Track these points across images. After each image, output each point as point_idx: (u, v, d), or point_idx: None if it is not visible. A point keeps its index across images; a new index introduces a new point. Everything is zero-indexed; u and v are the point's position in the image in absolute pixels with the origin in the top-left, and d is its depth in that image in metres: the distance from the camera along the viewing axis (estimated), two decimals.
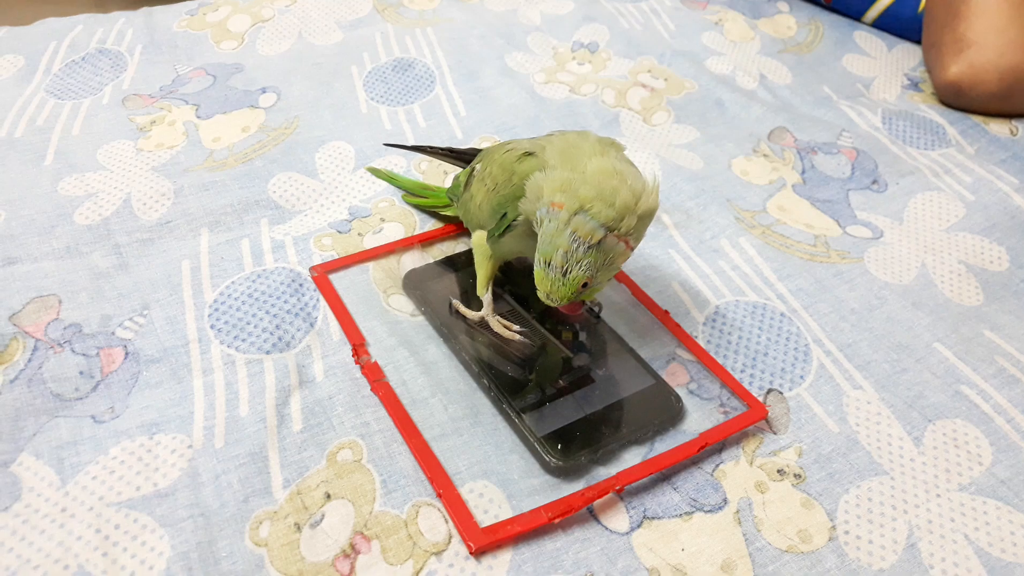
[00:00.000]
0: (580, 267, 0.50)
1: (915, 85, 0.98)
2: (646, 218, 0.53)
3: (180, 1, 1.06)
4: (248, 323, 0.61)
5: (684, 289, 0.67)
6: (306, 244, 0.68)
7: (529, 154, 0.56)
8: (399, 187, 0.74)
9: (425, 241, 0.69)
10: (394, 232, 0.70)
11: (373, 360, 0.58)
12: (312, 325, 0.61)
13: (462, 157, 0.70)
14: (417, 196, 0.72)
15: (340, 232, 0.69)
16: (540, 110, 0.87)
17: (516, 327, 0.59)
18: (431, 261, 0.67)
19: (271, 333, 0.60)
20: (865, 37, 1.06)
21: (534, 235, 0.53)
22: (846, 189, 0.79)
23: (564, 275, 0.50)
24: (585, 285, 0.51)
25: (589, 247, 0.50)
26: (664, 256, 0.70)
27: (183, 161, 0.76)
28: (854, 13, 1.10)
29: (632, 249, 0.53)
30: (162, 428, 0.53)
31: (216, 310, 0.62)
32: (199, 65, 0.91)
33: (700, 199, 0.76)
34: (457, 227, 0.70)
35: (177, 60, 0.92)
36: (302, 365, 0.58)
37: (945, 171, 0.83)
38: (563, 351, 0.59)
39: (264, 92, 0.86)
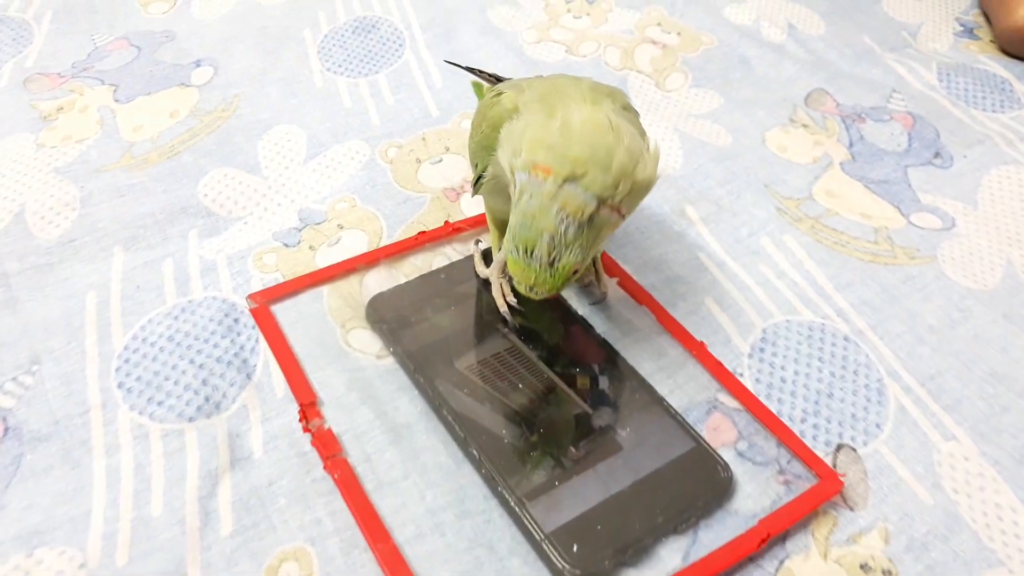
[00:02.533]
0: (570, 253, 0.41)
1: (970, 32, 0.83)
2: (642, 189, 0.43)
3: None
4: (167, 378, 0.47)
5: (721, 308, 0.53)
6: (244, 264, 0.54)
7: (500, 94, 0.47)
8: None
9: (394, 255, 0.55)
10: (355, 243, 0.56)
11: (327, 426, 0.45)
12: (249, 377, 0.48)
13: None
14: None
15: (287, 246, 0.55)
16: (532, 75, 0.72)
17: (511, 301, 0.49)
18: (402, 281, 0.53)
19: (196, 391, 0.46)
20: None
21: (508, 194, 0.44)
22: (904, 165, 0.65)
23: (552, 264, 0.40)
24: (575, 272, 0.42)
25: (580, 226, 0.40)
26: (692, 262, 0.56)
27: (94, 159, 0.61)
28: None
29: (624, 218, 0.44)
30: (46, 539, 0.40)
31: (127, 361, 0.48)
32: (121, 34, 0.76)
33: (732, 185, 0.62)
34: (441, 233, 0.56)
35: (95, 29, 0.76)
36: (235, 435, 0.45)
37: (1021, 138, 0.69)
38: (578, 405, 0.46)
39: (198, 66, 0.71)
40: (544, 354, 0.48)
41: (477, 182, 0.49)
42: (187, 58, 0.72)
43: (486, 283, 0.52)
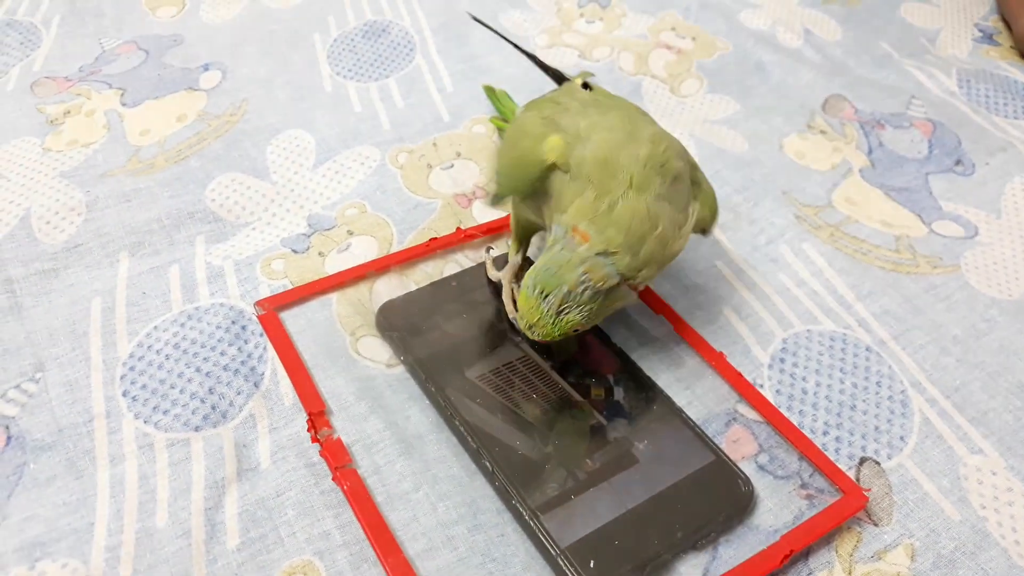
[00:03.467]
0: (578, 312, 0.41)
1: (989, 37, 0.82)
2: (666, 260, 0.44)
3: None
4: (173, 386, 0.46)
5: (740, 317, 0.52)
6: (251, 270, 0.53)
7: (550, 128, 0.46)
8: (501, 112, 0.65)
9: (405, 261, 0.54)
10: (365, 249, 0.55)
11: (336, 436, 0.44)
12: (257, 385, 0.46)
13: (550, 74, 0.59)
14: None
15: (295, 252, 0.54)
16: (544, 81, 0.71)
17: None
18: (413, 289, 0.52)
19: (202, 400, 0.45)
20: None
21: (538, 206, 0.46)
22: (924, 173, 0.64)
23: (558, 315, 0.41)
24: (576, 330, 0.42)
25: (596, 294, 0.41)
26: (710, 271, 0.55)
27: (100, 163, 0.61)
28: None
29: (638, 293, 0.44)
30: (49, 551, 0.39)
31: (132, 369, 0.47)
32: (129, 38, 0.75)
33: (750, 192, 0.61)
34: (452, 239, 0.55)
35: (103, 32, 0.76)
36: (242, 445, 0.44)
37: None
38: (593, 416, 0.45)
39: (207, 70, 0.71)
40: (558, 364, 0.47)
41: (495, 197, 0.49)
42: (195, 62, 0.71)
43: (497, 289, 0.51)
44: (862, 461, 0.44)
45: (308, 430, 0.44)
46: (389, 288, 0.52)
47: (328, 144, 0.63)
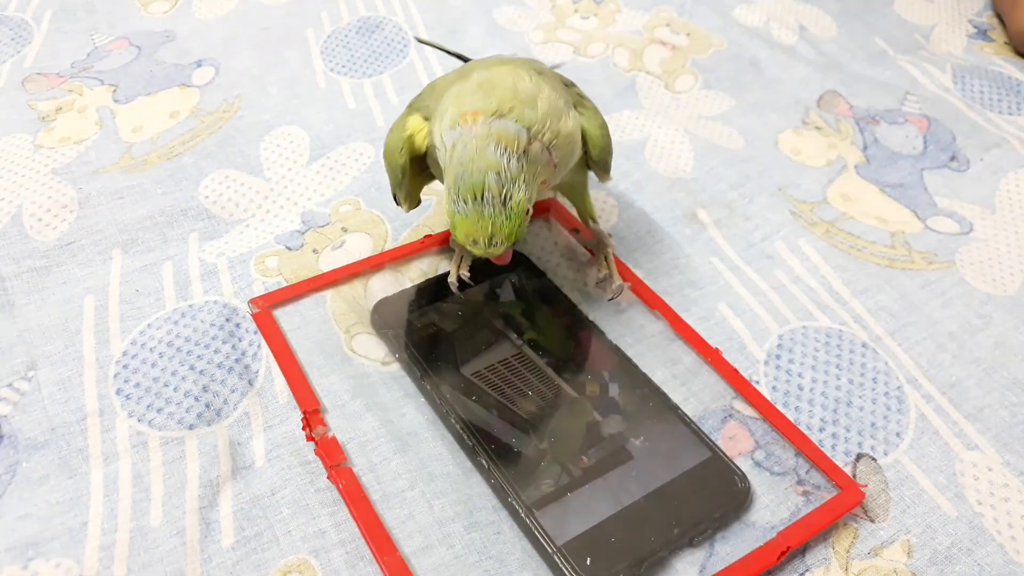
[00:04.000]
0: (519, 189, 0.40)
1: (983, 33, 0.82)
2: (567, 142, 0.44)
3: None
4: (167, 384, 0.46)
5: (735, 313, 0.52)
6: (245, 267, 0.53)
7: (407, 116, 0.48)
8: None
9: (400, 258, 0.54)
10: (359, 246, 0.55)
11: (331, 434, 0.44)
12: (251, 383, 0.46)
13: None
14: None
15: (289, 248, 0.54)
16: None
17: (465, 275, 0.48)
18: (408, 286, 0.52)
19: (196, 398, 0.45)
20: None
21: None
22: (919, 169, 0.64)
23: (504, 203, 0.39)
24: (527, 212, 0.41)
25: (519, 158, 0.40)
26: (705, 267, 0.55)
27: (93, 160, 0.60)
28: None
29: (556, 168, 0.44)
30: (42, 550, 0.39)
31: (125, 367, 0.47)
32: (121, 34, 0.74)
33: (745, 188, 0.61)
34: (447, 236, 0.54)
35: (95, 28, 0.75)
36: (237, 443, 0.43)
37: None
38: (588, 412, 0.44)
39: (199, 66, 0.70)
40: (553, 361, 0.47)
41: (395, 197, 0.49)
42: (188, 58, 0.71)
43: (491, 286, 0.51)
44: (858, 457, 0.44)
45: (303, 428, 0.44)
46: (384, 286, 0.52)
47: (322, 140, 0.63)
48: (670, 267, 0.54)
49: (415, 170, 0.47)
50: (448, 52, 0.61)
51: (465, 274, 0.48)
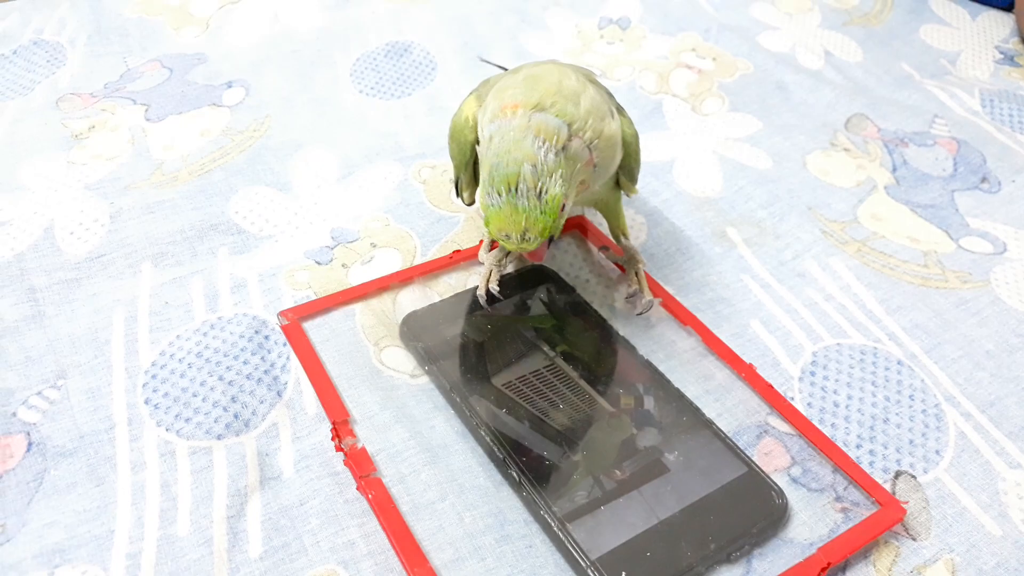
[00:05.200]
0: (554, 183, 0.39)
1: (1010, 59, 0.82)
2: (609, 145, 0.44)
3: None
4: (195, 395, 0.45)
5: (768, 330, 0.51)
6: (275, 281, 0.53)
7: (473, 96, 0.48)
8: None
9: (428, 273, 0.53)
10: (388, 261, 0.54)
11: (360, 445, 0.43)
12: (280, 395, 0.46)
13: None
14: None
15: (319, 263, 0.54)
16: None
17: (494, 288, 0.48)
18: (436, 300, 0.52)
19: (225, 408, 0.45)
20: (943, 4, 0.90)
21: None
22: (950, 190, 0.64)
23: (539, 197, 0.38)
24: (562, 208, 0.40)
25: (557, 153, 0.39)
26: (736, 284, 0.54)
27: (124, 176, 0.61)
28: None
29: (595, 168, 0.43)
30: (68, 557, 0.38)
31: (154, 377, 0.46)
32: (154, 57, 0.75)
33: (774, 207, 0.60)
34: (475, 252, 0.54)
35: (128, 51, 0.76)
36: (265, 454, 0.43)
37: None
38: (623, 425, 0.44)
39: (230, 87, 0.71)
40: (586, 373, 0.46)
41: (456, 181, 0.50)
42: (219, 79, 0.72)
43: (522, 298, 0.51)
44: (897, 475, 0.43)
45: (332, 439, 0.43)
46: (412, 299, 0.52)
47: (351, 160, 0.63)
48: (701, 284, 0.54)
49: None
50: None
51: (495, 287, 0.48)
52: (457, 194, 0.51)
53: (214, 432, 0.44)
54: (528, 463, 0.41)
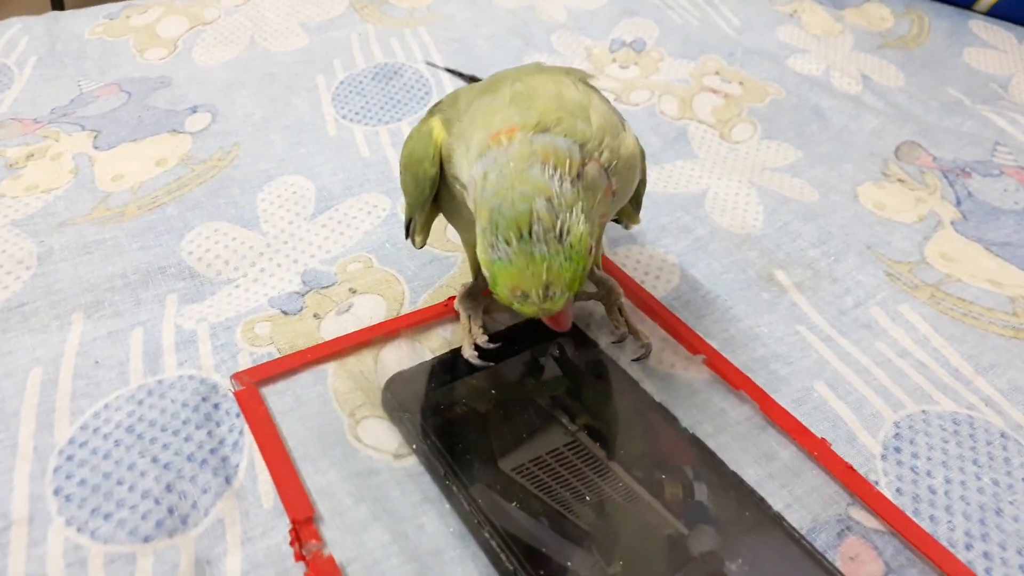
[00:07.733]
0: (576, 217, 0.30)
1: None
2: (627, 167, 0.35)
3: (104, 3, 0.81)
4: (120, 482, 0.36)
5: (836, 395, 0.41)
6: (230, 335, 0.43)
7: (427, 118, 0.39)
8: None
9: (418, 324, 0.44)
10: (370, 310, 0.45)
11: (327, 551, 0.33)
12: (228, 481, 0.36)
13: None
14: None
15: (286, 313, 0.45)
16: None
17: (482, 340, 0.39)
18: (428, 358, 0.42)
19: (157, 500, 0.35)
20: (984, 27, 0.82)
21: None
22: None
23: (561, 239, 0.29)
24: (590, 251, 0.31)
25: (573, 182, 0.31)
26: (791, 338, 0.45)
27: (61, 211, 0.51)
28: (962, 1, 0.86)
29: (614, 194, 0.34)
30: None
31: (69, 459, 0.37)
32: (112, 80, 0.67)
33: (828, 246, 0.51)
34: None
35: (83, 75, 0.68)
36: (205, 561, 0.33)
37: None
38: (669, 523, 0.34)
39: (194, 112, 0.62)
40: (616, 452, 0.36)
41: (407, 222, 0.40)
42: (182, 104, 0.63)
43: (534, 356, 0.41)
44: None
45: (291, 543, 0.33)
46: (399, 357, 0.42)
47: (330, 192, 0.54)
48: (749, 337, 0.44)
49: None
50: (461, 75, 0.54)
51: (483, 340, 0.39)
52: (407, 236, 0.41)
53: (140, 533, 0.34)
54: (547, 575, 0.31)
